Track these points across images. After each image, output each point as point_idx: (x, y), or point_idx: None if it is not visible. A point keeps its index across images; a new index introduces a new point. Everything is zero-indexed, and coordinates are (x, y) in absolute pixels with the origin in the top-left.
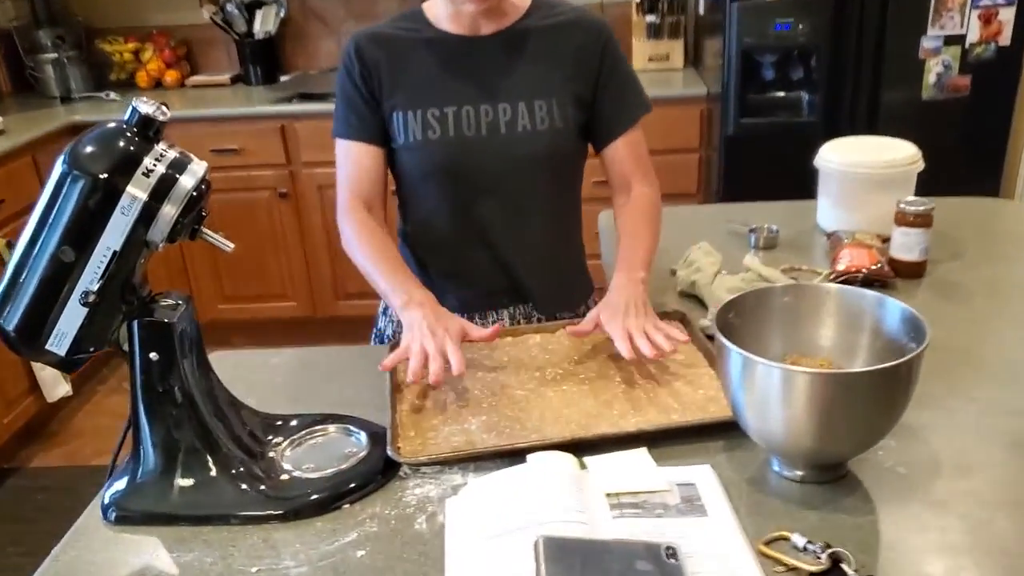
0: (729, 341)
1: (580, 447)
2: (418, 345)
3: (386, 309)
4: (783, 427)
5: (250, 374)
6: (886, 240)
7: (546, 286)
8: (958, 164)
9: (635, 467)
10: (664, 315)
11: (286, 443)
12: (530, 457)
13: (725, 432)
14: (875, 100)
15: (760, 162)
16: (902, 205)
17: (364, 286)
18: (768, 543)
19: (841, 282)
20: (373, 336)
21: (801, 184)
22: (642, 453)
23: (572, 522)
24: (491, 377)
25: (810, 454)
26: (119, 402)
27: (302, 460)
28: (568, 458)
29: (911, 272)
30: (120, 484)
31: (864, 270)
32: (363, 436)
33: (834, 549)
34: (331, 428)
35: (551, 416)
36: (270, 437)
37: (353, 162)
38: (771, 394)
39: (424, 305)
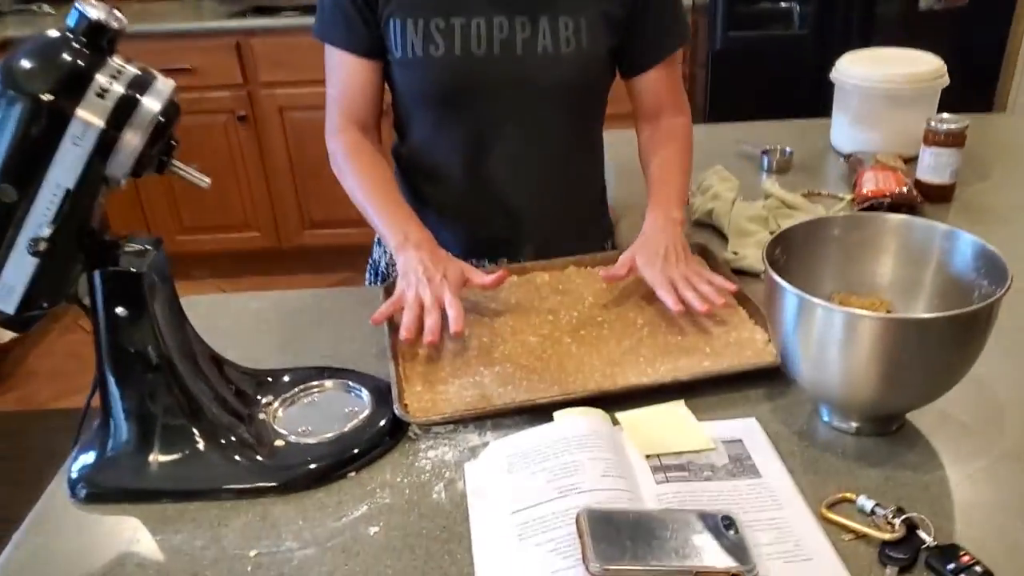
0: (782, 279)
1: (607, 400)
2: (413, 293)
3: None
4: (843, 376)
5: (228, 321)
6: (908, 161)
7: (558, 233)
8: (951, 77)
9: (673, 423)
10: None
11: (278, 403)
12: (557, 415)
13: (766, 379)
14: (870, 10)
15: (749, 79)
16: (933, 123)
17: (331, 214)
18: (831, 506)
19: (866, 208)
20: (368, 269)
21: (794, 101)
22: (678, 407)
23: (613, 490)
24: (500, 321)
25: (870, 405)
26: (76, 342)
27: (297, 422)
28: (598, 414)
29: (939, 196)
30: (88, 457)
31: (890, 194)
32: (364, 393)
33: (908, 515)
34: (328, 384)
35: (571, 365)
36: (259, 396)
37: (343, 77)
38: (830, 340)
39: (421, 247)
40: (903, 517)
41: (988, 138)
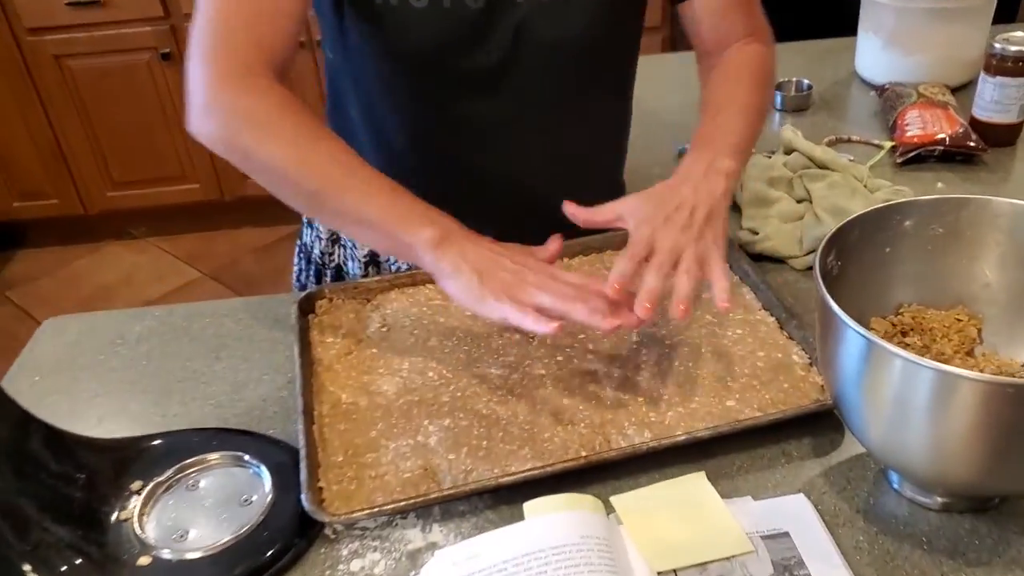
0: (836, 304)
1: (595, 470)
2: (525, 293)
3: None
4: (930, 450)
5: (97, 353)
6: (955, 91)
7: (560, 214)
8: None
9: (693, 511)
10: None
11: (145, 494)
12: (530, 508)
13: (810, 422)
14: None
15: None
16: (999, 45)
17: None
18: None
19: (911, 159)
20: (297, 256)
21: (807, 18)
22: (698, 481)
23: None
24: (450, 346)
25: (968, 486)
26: None
27: (172, 524)
28: (586, 504)
29: (1002, 138)
30: None
31: (945, 138)
32: (264, 471)
33: None
34: (215, 458)
35: (547, 411)
36: (121, 481)
37: None
38: (913, 401)
39: (467, 234)
40: None
41: None
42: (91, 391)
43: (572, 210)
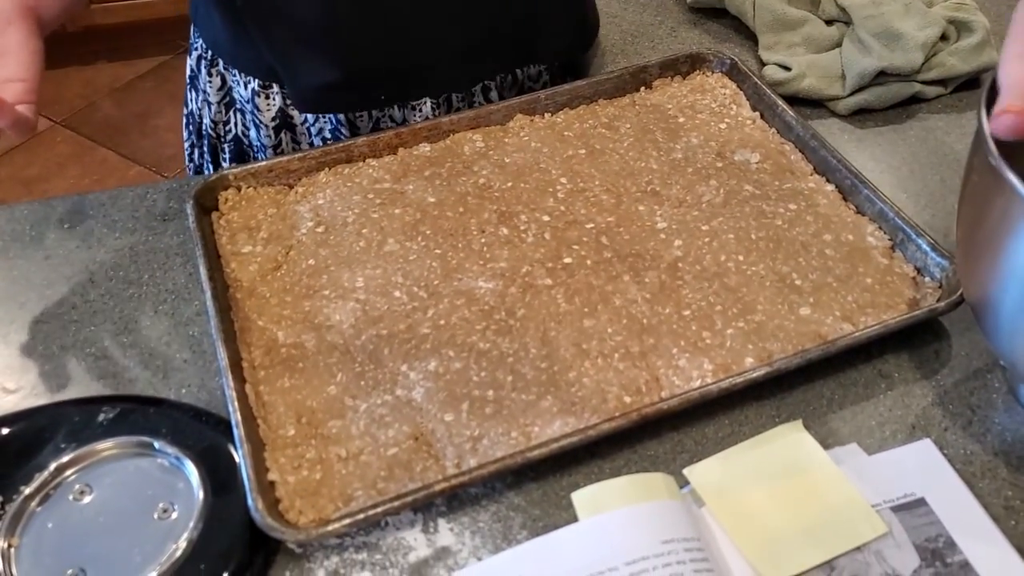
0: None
1: (649, 422)
2: None
3: (202, 59)
4: None
5: None
6: None
7: (503, 39)
8: None
9: (794, 478)
10: (688, 60)
11: (9, 518)
12: (582, 505)
13: (905, 332)
14: None
15: None
16: None
17: None
18: None
19: None
20: (184, 127)
21: None
22: (795, 434)
23: None
24: (416, 250)
25: None
26: None
27: (55, 562)
28: (659, 492)
29: None
30: None
31: None
32: (189, 465)
33: None
34: (106, 446)
35: (566, 339)
36: None
37: None
38: None
39: None
40: None
41: None
42: None
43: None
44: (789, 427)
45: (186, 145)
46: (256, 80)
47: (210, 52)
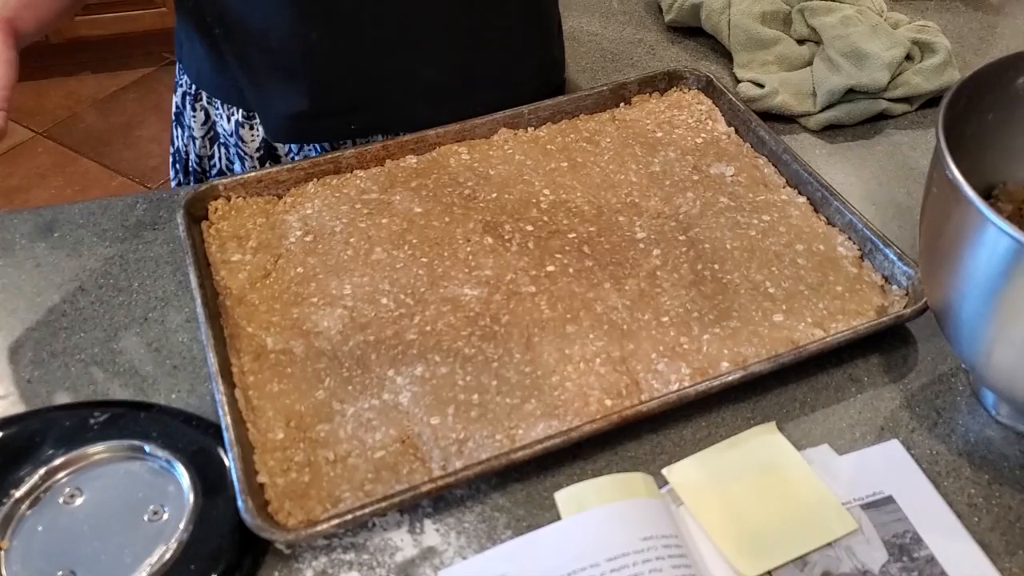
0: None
1: (629, 424)
2: None
3: (186, 95)
4: None
5: None
6: None
7: (473, 72)
8: None
9: (767, 477)
10: (665, 78)
11: (7, 511)
12: (565, 504)
13: (874, 338)
14: None
15: None
16: None
17: None
18: None
19: None
20: (172, 165)
21: None
22: (769, 435)
23: None
24: (402, 258)
25: None
26: None
27: (45, 565)
28: (639, 490)
29: None
30: None
31: None
32: (177, 465)
33: None
34: (98, 450)
35: (550, 344)
36: None
37: None
38: None
39: None
40: None
41: None
42: None
43: None
44: (763, 428)
45: (173, 184)
46: (240, 111)
47: (194, 87)
